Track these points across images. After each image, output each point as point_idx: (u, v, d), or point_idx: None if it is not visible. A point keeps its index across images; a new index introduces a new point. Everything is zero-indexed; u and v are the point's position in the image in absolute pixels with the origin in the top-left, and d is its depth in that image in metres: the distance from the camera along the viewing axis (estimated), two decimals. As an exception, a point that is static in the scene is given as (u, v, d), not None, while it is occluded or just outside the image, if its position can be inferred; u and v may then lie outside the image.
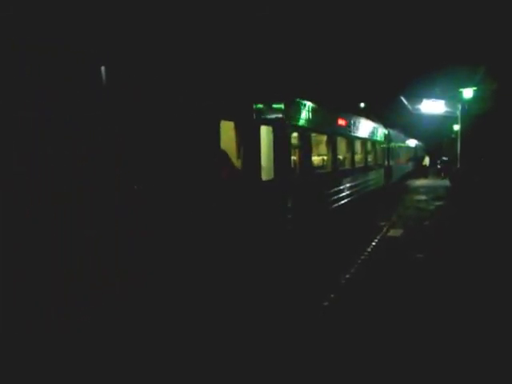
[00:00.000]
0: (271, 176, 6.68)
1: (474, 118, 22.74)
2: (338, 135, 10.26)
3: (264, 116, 6.34)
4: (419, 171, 33.29)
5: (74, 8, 3.74)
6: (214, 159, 5.00)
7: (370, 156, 14.28)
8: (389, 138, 18.25)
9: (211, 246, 4.91)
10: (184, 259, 4.45)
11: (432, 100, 24.46)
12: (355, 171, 11.95)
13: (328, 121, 9.64)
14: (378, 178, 15.68)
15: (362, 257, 8.49)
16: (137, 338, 3.83)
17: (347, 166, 11.40)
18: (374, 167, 14.89)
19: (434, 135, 45.56)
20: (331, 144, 9.65)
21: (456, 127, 27.39)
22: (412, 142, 32.78)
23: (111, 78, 3.66)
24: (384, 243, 9.76)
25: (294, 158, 8.06)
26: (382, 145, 16.83)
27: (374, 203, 14.73)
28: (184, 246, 4.44)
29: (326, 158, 10.16)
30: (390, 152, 18.61)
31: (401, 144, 24.35)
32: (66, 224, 3.34)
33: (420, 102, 25.00)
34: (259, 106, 6.17)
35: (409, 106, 27.86)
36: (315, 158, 11.13)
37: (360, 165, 12.81)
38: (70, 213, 3.38)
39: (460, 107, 23.06)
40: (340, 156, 11.14)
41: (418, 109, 26.94)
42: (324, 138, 10.04)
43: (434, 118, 31.62)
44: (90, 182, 3.50)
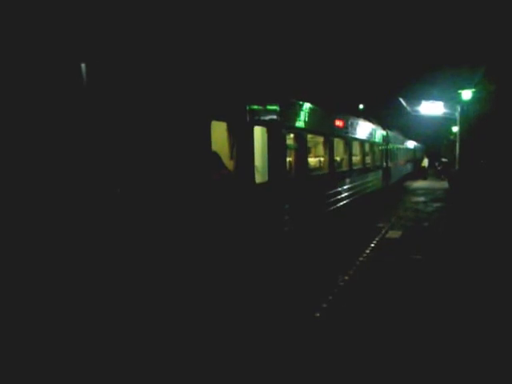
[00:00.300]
0: (265, 179, 6.46)
1: (472, 119, 22.59)
2: (335, 136, 10.02)
3: (258, 117, 6.11)
4: (418, 173, 33.16)
5: (55, 3, 3.53)
6: (204, 161, 4.78)
7: (368, 158, 14.06)
8: (387, 140, 18.01)
9: (202, 252, 4.69)
10: (173, 265, 4.22)
11: (431, 101, 24.32)
12: (353, 173, 11.71)
13: (325, 122, 9.40)
14: (376, 179, 15.45)
15: (361, 258, 8.41)
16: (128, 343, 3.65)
17: (345, 167, 11.17)
18: (372, 169, 14.66)
19: (433, 137, 45.46)
20: (328, 145, 9.42)
21: (455, 129, 27.27)
22: (411, 144, 32.56)
23: (92, 75, 3.44)
24: (383, 245, 9.67)
25: (289, 159, 7.84)
26: (381, 146, 16.59)
27: (373, 205, 14.57)
28: (173, 252, 4.21)
29: (322, 159, 9.92)
30: (388, 153, 18.38)
31: (399, 145, 24.11)
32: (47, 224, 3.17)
33: (419, 103, 24.87)
34: (253, 106, 5.95)
35: (408, 108, 27.71)
36: (312, 159, 10.91)
37: (358, 166, 12.58)
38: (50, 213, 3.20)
39: (459, 109, 22.92)
40: (337, 158, 10.92)
41: (416, 110, 26.82)
42: (321, 139, 9.81)
43: (433, 119, 31.52)
44: (70, 182, 3.29)
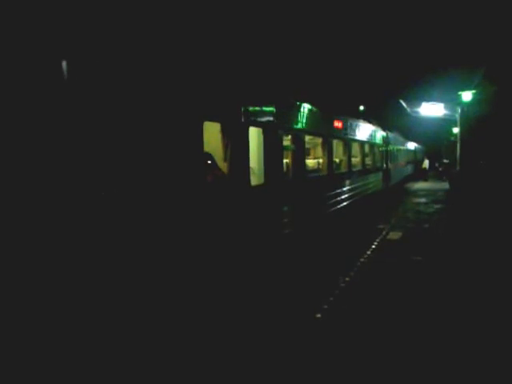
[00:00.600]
0: (262, 181, 6.25)
1: (473, 120, 22.37)
2: (334, 138, 9.81)
3: (253, 117, 5.90)
4: (419, 174, 32.91)
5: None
6: (196, 163, 4.57)
7: (367, 159, 13.82)
8: (387, 141, 17.77)
9: (195, 256, 4.48)
10: (164, 270, 4.02)
11: (431, 103, 24.11)
12: (352, 175, 11.49)
13: (323, 123, 9.19)
14: (376, 181, 15.22)
15: (362, 259, 8.27)
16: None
17: (344, 169, 10.94)
18: (372, 170, 14.42)
19: (434, 138, 45.20)
20: (327, 147, 9.20)
21: (455, 130, 27.04)
22: (411, 145, 32.29)
23: (74, 73, 3.24)
24: (383, 246, 9.51)
25: (286, 161, 7.64)
26: (381, 148, 16.34)
27: (373, 206, 14.37)
28: (163, 257, 4.01)
29: (321, 161, 9.70)
30: (388, 155, 18.13)
31: (400, 147, 23.86)
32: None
33: (419, 104, 24.66)
34: (248, 106, 5.74)
35: (408, 109, 27.49)
36: (310, 161, 10.70)
37: (357, 168, 12.35)
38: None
39: (459, 110, 22.71)
40: (336, 159, 10.70)
41: (417, 112, 26.58)
42: (319, 140, 9.60)
43: (434, 120, 31.29)
44: (51, 183, 3.09)
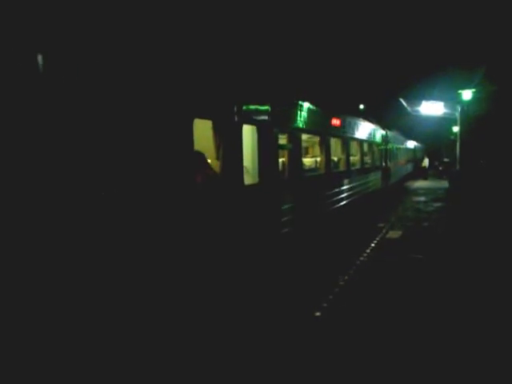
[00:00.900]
0: (256, 180, 6.04)
1: (473, 119, 22.16)
2: (332, 136, 9.58)
3: (247, 114, 5.68)
4: (418, 173, 32.67)
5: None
6: (185, 162, 4.35)
7: (366, 158, 13.57)
8: (387, 140, 17.49)
9: (186, 257, 4.27)
10: (152, 274, 3.81)
11: (431, 102, 23.90)
12: (351, 174, 11.25)
13: (321, 121, 8.95)
14: (375, 180, 14.96)
15: (362, 258, 8.24)
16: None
17: (342, 168, 10.70)
18: (371, 169, 14.17)
19: (434, 137, 44.93)
20: (324, 145, 8.97)
21: (455, 129, 26.84)
22: (411, 144, 32.01)
23: (52, 67, 3.03)
24: (383, 245, 9.44)
25: (282, 160, 7.42)
26: (380, 146, 16.07)
27: (372, 205, 14.16)
28: (150, 261, 3.80)
29: (319, 159, 9.47)
30: (388, 154, 17.86)
31: (399, 145, 23.58)
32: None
33: (419, 103, 24.48)
34: (241, 103, 5.52)
35: (408, 108, 27.29)
36: (307, 160, 10.48)
37: (356, 167, 12.10)
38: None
39: (459, 109, 22.49)
40: (334, 158, 10.47)
41: (417, 110, 26.39)
42: (317, 139, 9.37)
43: (434, 119, 31.04)
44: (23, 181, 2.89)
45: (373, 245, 9.40)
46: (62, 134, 3.07)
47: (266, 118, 6.21)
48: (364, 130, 12.93)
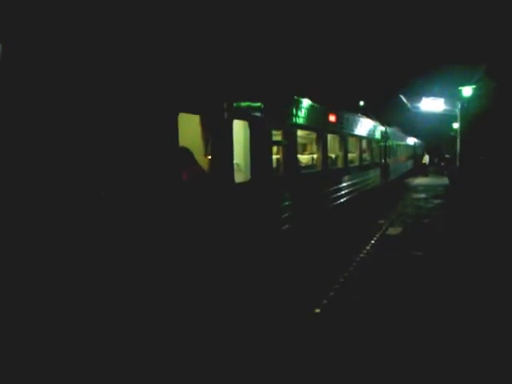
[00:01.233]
0: (248, 177, 5.73)
1: (473, 116, 21.90)
2: (329, 132, 9.24)
3: (238, 109, 5.36)
4: (419, 169, 32.35)
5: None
6: (169, 159, 4.04)
7: (365, 154, 13.21)
8: (386, 136, 17.10)
9: (171, 258, 3.98)
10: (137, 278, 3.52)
11: (431, 98, 23.66)
12: (349, 171, 10.91)
13: (318, 117, 8.60)
14: (374, 177, 14.61)
15: (362, 255, 8.16)
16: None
17: (340, 165, 10.36)
18: (370, 166, 13.81)
19: (434, 133, 44.53)
20: (321, 142, 8.64)
21: (455, 125, 26.53)
22: (411, 140, 31.60)
23: (10, 58, 2.72)
24: (383, 241, 9.34)
25: (277, 157, 7.10)
26: (379, 143, 15.69)
27: (372, 203, 13.87)
28: (133, 265, 3.50)
29: (315, 156, 9.14)
30: (387, 150, 17.48)
31: (399, 142, 23.20)
32: None
33: (419, 100, 24.28)
34: (232, 97, 5.20)
35: (408, 104, 27.05)
36: (303, 156, 10.17)
37: (354, 164, 11.75)
38: None
39: (459, 105, 22.19)
40: (332, 155, 10.13)
41: (417, 107, 26.16)
42: (313, 135, 9.04)
43: (434, 116, 30.77)
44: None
45: (373, 242, 9.28)
46: (31, 128, 2.77)
47: (259, 112, 5.89)
48: (363, 126, 12.58)
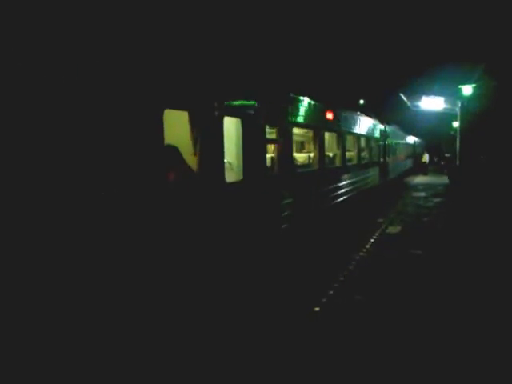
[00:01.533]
0: (240, 177, 5.47)
1: (473, 114, 21.64)
2: (326, 130, 8.97)
3: (229, 106, 5.10)
4: (418, 168, 32.06)
5: None
6: (154, 157, 3.79)
7: (364, 153, 12.92)
8: (385, 135, 16.79)
9: (157, 260, 3.73)
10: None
11: (431, 97, 23.35)
12: (347, 169, 10.63)
13: (315, 115, 8.33)
14: (373, 176, 14.32)
15: (361, 253, 8.09)
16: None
17: (338, 163, 10.09)
18: (368, 165, 13.51)
19: (433, 132, 44.21)
20: (318, 140, 8.36)
21: (455, 124, 26.22)
22: (410, 139, 31.27)
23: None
24: (383, 240, 9.25)
25: (272, 155, 6.84)
26: (378, 141, 15.37)
27: (371, 202, 13.65)
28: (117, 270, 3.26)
29: (312, 155, 8.87)
30: (386, 149, 17.17)
31: (399, 141, 22.89)
32: None
33: (419, 98, 23.96)
34: (223, 93, 4.95)
35: (408, 103, 26.72)
36: (300, 155, 9.91)
37: (352, 162, 11.46)
38: None
39: (459, 104, 21.90)
40: (329, 153, 9.85)
41: (417, 105, 25.81)
42: (310, 133, 8.77)
43: (434, 114, 30.46)
44: None
45: (372, 240, 9.19)
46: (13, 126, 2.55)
47: (252, 109, 5.63)
48: (361, 124, 12.29)
